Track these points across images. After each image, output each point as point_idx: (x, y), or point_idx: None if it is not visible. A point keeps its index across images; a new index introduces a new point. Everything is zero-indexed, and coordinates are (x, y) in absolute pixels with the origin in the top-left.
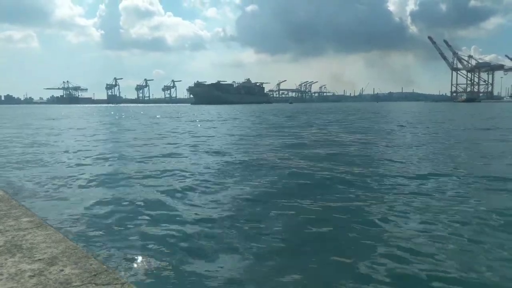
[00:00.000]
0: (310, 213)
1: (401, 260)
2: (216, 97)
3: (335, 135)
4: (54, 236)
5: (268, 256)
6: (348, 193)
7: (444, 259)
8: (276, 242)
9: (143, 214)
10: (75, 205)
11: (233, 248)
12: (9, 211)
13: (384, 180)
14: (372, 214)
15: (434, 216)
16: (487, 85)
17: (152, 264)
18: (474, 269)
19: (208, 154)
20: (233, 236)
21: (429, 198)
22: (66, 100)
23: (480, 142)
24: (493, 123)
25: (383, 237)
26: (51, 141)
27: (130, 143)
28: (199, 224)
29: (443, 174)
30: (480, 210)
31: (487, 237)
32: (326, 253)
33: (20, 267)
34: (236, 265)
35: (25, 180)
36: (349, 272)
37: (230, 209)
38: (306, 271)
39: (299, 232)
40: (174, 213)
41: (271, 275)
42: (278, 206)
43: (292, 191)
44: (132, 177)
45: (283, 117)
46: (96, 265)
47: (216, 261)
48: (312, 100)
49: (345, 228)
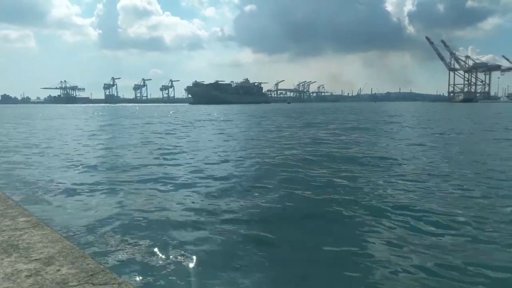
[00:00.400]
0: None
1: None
2: (214, 97)
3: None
4: (51, 236)
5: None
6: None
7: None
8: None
9: (140, 215)
10: (72, 206)
11: (231, 252)
12: (5, 211)
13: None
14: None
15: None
16: (484, 86)
17: (149, 263)
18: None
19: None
20: (237, 244)
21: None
22: (64, 99)
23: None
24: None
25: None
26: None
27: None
28: (198, 225)
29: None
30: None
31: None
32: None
33: (17, 267)
34: (235, 267)
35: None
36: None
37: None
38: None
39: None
40: (175, 213)
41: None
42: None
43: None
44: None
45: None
46: (93, 264)
47: (213, 261)
48: (310, 100)
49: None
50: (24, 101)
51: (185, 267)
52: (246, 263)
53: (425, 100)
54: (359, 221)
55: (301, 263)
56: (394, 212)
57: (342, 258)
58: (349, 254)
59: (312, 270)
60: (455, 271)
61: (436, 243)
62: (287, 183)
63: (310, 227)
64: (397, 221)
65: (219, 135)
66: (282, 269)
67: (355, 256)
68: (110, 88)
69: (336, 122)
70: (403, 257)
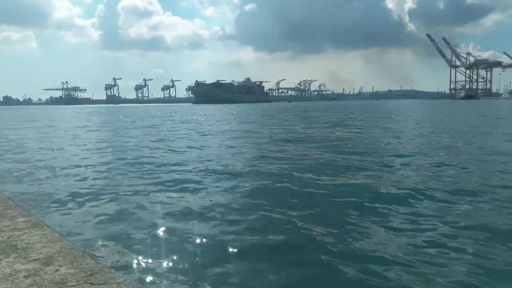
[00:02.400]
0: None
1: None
2: (217, 96)
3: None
4: (50, 236)
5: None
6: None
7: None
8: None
9: (140, 213)
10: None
11: (236, 249)
12: (4, 211)
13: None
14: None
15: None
16: (485, 82)
17: (148, 263)
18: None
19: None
20: (240, 234)
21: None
22: (65, 100)
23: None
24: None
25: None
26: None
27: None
28: (202, 223)
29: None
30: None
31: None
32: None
33: (15, 267)
34: (237, 268)
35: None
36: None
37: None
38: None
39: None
40: (175, 212)
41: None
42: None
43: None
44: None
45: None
46: (92, 264)
47: (214, 260)
48: (311, 98)
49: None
50: (26, 103)
51: (186, 267)
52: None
53: (426, 97)
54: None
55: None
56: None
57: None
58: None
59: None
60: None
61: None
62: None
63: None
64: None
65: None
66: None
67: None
68: (111, 89)
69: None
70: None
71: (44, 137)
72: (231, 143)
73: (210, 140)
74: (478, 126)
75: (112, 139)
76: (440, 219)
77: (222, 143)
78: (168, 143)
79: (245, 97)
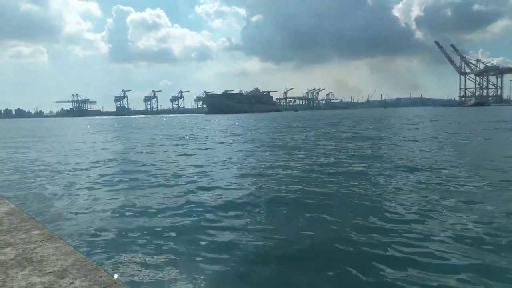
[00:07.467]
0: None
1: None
2: (227, 107)
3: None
4: (64, 249)
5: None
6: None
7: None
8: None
9: (154, 225)
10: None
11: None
12: (19, 224)
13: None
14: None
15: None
16: (496, 89)
17: (161, 276)
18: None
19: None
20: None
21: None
22: (75, 113)
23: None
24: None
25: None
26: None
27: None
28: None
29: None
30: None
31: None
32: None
33: (31, 280)
34: (251, 274)
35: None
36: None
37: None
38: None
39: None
40: (188, 223)
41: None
42: None
43: None
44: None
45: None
46: (105, 277)
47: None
48: (319, 107)
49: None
50: (37, 115)
51: (203, 281)
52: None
53: (436, 105)
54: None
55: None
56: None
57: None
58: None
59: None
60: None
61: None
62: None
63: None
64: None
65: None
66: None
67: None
68: (121, 100)
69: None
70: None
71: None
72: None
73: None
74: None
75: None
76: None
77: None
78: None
79: (254, 107)
